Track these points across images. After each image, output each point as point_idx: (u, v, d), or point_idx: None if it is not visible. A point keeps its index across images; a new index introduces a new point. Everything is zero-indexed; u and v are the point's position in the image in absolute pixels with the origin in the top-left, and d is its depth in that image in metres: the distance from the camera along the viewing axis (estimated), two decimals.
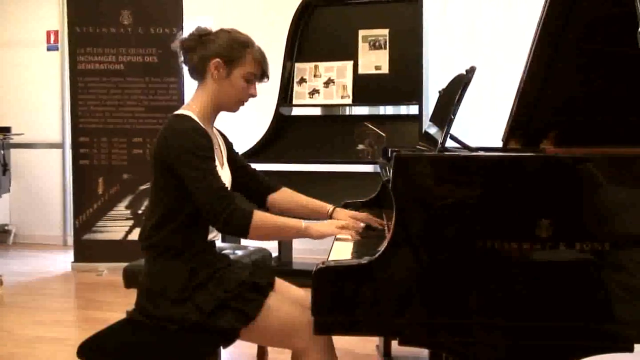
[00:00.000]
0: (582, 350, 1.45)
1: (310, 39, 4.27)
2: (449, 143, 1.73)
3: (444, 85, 2.09)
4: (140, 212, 4.45)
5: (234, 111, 1.86)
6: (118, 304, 3.50)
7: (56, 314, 3.51)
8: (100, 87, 4.44)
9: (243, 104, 1.85)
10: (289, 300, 1.77)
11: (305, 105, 4.29)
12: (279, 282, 1.91)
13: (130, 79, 4.43)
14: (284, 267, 4.13)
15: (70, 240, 4.93)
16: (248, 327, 1.67)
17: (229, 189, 1.86)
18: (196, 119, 1.76)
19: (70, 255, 4.64)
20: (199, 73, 1.80)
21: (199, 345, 1.68)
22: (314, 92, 4.24)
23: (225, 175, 1.85)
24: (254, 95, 1.83)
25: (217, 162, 1.77)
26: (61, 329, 3.25)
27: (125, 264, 2.51)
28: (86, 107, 4.45)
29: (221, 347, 1.79)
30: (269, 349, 2.70)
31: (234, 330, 1.68)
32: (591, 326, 1.42)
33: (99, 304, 3.68)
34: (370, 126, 4.10)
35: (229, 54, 1.76)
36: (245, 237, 1.70)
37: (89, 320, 3.39)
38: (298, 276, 2.67)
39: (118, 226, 4.48)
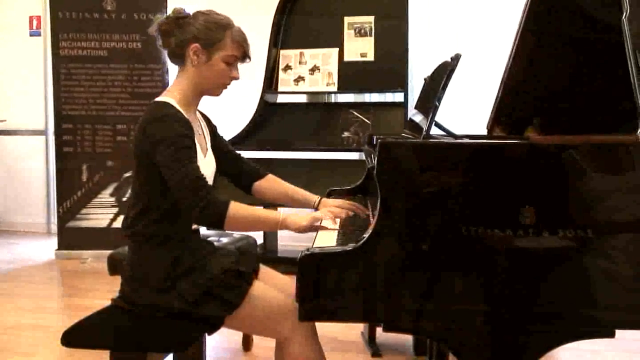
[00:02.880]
0: (565, 335, 1.46)
1: (295, 25, 4.25)
2: (434, 130, 1.73)
3: (429, 72, 2.08)
4: (124, 199, 4.42)
5: (217, 95, 1.81)
6: (102, 292, 3.49)
7: (40, 302, 3.48)
8: (83, 73, 4.38)
9: (226, 87, 1.81)
10: (273, 288, 1.77)
11: (290, 93, 4.27)
12: (264, 270, 1.91)
13: (114, 66, 4.37)
14: (269, 255, 4.13)
15: (54, 227, 4.88)
16: (232, 314, 1.67)
17: (211, 177, 1.84)
18: (177, 105, 1.72)
19: (54, 243, 4.60)
20: (178, 58, 1.76)
21: (184, 333, 1.67)
22: (299, 79, 4.22)
23: (208, 162, 1.84)
24: (236, 78, 1.79)
25: (199, 149, 1.75)
26: (45, 316, 3.22)
27: (109, 252, 2.50)
28: (69, 93, 4.40)
29: (206, 335, 1.78)
30: (254, 335, 2.71)
31: (218, 318, 1.68)
32: (573, 312, 1.43)
33: (83, 292, 3.66)
34: (356, 113, 4.09)
35: (208, 38, 1.71)
36: (221, 229, 1.68)
37: (73, 308, 3.37)
38: (283, 263, 2.68)
39: (102, 214, 4.44)
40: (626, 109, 1.52)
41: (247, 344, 2.75)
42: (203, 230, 1.89)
